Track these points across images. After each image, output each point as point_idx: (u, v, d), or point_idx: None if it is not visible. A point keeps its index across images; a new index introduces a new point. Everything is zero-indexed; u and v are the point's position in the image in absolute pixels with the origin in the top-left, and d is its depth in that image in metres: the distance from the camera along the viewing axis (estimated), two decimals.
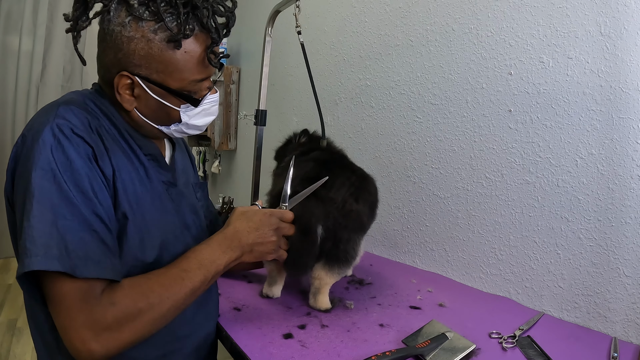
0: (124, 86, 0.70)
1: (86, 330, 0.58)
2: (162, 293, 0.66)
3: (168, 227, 0.78)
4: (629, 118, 0.89)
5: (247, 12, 2.61)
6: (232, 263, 0.76)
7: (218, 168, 2.94)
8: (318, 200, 0.89)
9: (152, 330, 0.65)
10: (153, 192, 0.76)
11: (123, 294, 0.63)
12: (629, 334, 0.89)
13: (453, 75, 1.24)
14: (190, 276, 0.69)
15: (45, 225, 0.59)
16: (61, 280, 0.59)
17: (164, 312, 0.66)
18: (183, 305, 0.69)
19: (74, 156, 0.63)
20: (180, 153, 0.93)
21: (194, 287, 0.69)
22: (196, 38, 0.69)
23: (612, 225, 0.92)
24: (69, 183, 0.61)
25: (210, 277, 0.72)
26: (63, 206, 0.60)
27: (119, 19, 0.66)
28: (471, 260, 1.20)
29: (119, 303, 0.62)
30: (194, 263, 0.71)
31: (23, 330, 2.31)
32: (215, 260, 0.73)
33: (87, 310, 0.59)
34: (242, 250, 0.77)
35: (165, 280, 0.67)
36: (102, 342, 0.59)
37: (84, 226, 0.61)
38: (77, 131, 0.64)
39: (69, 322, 0.59)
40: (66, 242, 0.59)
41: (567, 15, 0.98)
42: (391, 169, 1.45)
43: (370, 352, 0.75)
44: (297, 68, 1.99)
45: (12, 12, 3.20)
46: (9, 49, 3.22)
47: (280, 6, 1.38)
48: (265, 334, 0.83)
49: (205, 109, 0.78)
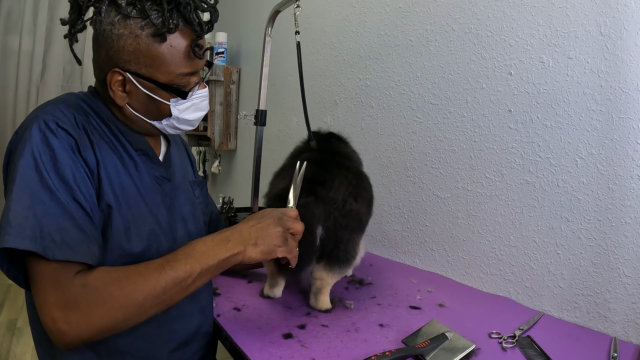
0: (116, 82, 0.74)
1: (56, 310, 0.60)
2: (137, 280, 0.64)
3: (157, 219, 0.79)
4: (629, 118, 0.89)
5: (247, 12, 2.61)
6: (232, 258, 0.71)
7: (218, 168, 2.94)
8: (318, 200, 0.89)
9: (126, 318, 0.63)
10: (143, 184, 0.78)
11: (96, 277, 0.63)
12: (629, 334, 0.89)
13: (453, 75, 1.24)
14: (174, 265, 0.66)
15: (22, 209, 0.62)
16: (36, 261, 0.62)
17: (140, 301, 0.63)
18: (164, 296, 0.65)
19: (57, 147, 0.66)
20: (177, 151, 0.95)
21: (177, 277, 0.66)
22: (181, 32, 0.73)
23: (612, 225, 0.92)
24: (49, 171, 0.65)
25: (199, 269, 0.68)
26: (42, 192, 0.63)
27: (109, 19, 0.71)
28: (471, 260, 1.20)
29: (90, 285, 0.62)
30: (181, 255, 0.69)
31: (23, 330, 2.31)
32: (207, 252, 0.70)
33: (59, 291, 0.61)
34: (244, 244, 0.72)
35: (144, 270, 0.66)
36: (72, 324, 0.60)
37: (62, 212, 0.63)
38: (62, 124, 0.68)
39: (42, 302, 0.61)
40: (42, 226, 0.61)
41: (567, 15, 0.98)
42: (391, 169, 1.45)
43: (370, 352, 0.75)
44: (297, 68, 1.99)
45: (12, 12, 3.19)
46: (9, 49, 3.22)
47: (280, 6, 1.38)
48: (265, 334, 0.83)
49: (195, 104, 0.81)
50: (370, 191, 1.04)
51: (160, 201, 0.81)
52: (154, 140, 0.87)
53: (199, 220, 0.91)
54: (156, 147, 0.87)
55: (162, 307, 0.67)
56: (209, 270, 0.69)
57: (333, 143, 1.12)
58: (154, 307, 0.65)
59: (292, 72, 2.04)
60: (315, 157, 1.03)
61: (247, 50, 2.65)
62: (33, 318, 0.76)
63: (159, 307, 0.66)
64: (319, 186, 0.91)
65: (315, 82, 1.82)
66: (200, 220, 0.92)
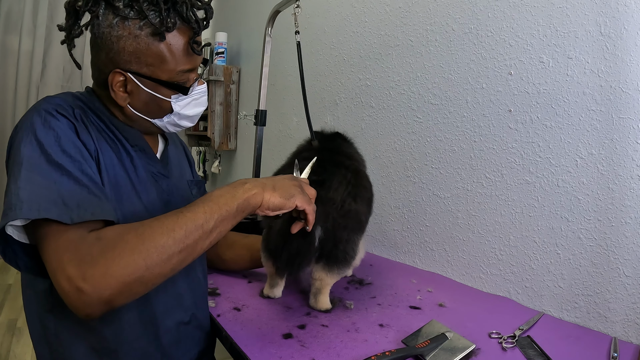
0: (118, 83, 0.76)
1: (71, 267, 0.56)
2: (154, 224, 0.61)
3: (151, 213, 0.78)
4: (629, 118, 0.89)
5: (247, 12, 2.61)
6: (252, 199, 0.67)
7: (218, 168, 2.94)
8: (317, 201, 0.88)
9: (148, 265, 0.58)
10: (138, 179, 0.79)
11: (111, 229, 0.61)
12: (629, 334, 0.89)
13: (453, 75, 1.24)
14: (192, 209, 0.63)
15: (34, 186, 0.61)
16: (48, 228, 0.60)
17: (160, 244, 0.59)
18: (187, 240, 0.61)
19: (59, 127, 0.68)
20: (175, 150, 0.96)
21: (196, 219, 0.62)
22: (178, 31, 0.75)
23: (612, 225, 0.92)
24: (55, 150, 0.66)
25: (219, 212, 0.64)
26: (52, 170, 0.64)
27: (107, 22, 0.72)
28: (471, 260, 1.20)
29: (105, 237, 0.59)
30: (199, 201, 0.65)
31: (23, 330, 2.31)
32: (225, 194, 0.66)
33: (73, 249, 0.58)
34: (262, 187, 0.69)
35: (161, 217, 0.62)
36: (89, 280, 0.55)
37: (74, 183, 0.64)
38: (61, 110, 0.70)
39: (57, 264, 0.57)
40: (55, 196, 0.61)
41: (567, 15, 0.98)
42: (391, 169, 1.45)
43: (370, 352, 0.75)
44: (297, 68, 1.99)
45: (12, 12, 3.19)
46: (9, 49, 3.22)
47: (280, 6, 1.38)
48: (265, 334, 0.83)
49: (195, 99, 0.83)
50: (370, 190, 1.04)
51: (156, 197, 0.82)
52: (151, 138, 0.88)
53: None
54: (154, 145, 0.89)
55: (187, 255, 0.62)
56: (229, 213, 0.65)
57: (337, 143, 1.12)
58: (177, 254, 0.60)
59: (292, 72, 2.04)
60: (313, 156, 1.03)
61: (247, 50, 2.65)
62: (30, 316, 0.76)
63: (182, 254, 0.61)
64: (317, 187, 0.91)
65: (315, 82, 1.82)
66: None
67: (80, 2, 0.72)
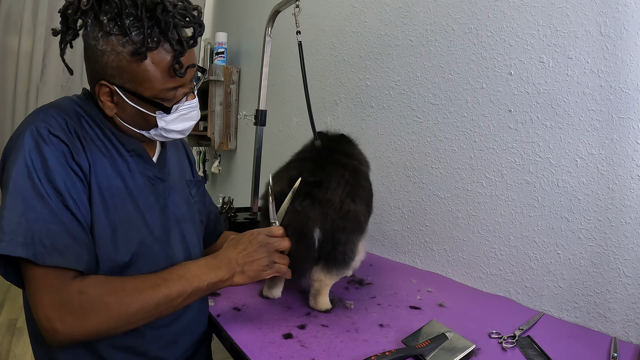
0: (104, 94, 0.76)
1: (52, 310, 0.63)
2: (133, 293, 0.68)
3: (149, 222, 0.79)
4: (629, 118, 0.89)
5: (247, 12, 2.62)
6: (220, 284, 0.77)
7: (218, 168, 2.94)
8: (315, 202, 0.88)
9: (117, 327, 0.67)
10: (135, 185, 0.79)
11: (94, 285, 0.67)
12: (629, 334, 0.89)
13: (453, 75, 1.24)
14: (168, 284, 0.71)
15: (15, 216, 0.64)
16: (30, 265, 0.64)
17: (132, 313, 0.67)
18: (155, 311, 0.70)
19: (48, 154, 0.68)
20: (175, 151, 0.95)
21: (170, 295, 0.70)
22: (163, 49, 0.73)
23: (612, 225, 0.92)
24: (41, 179, 0.66)
25: (190, 290, 0.73)
26: (34, 199, 0.65)
27: (94, 34, 0.72)
28: (471, 260, 1.20)
29: (87, 293, 0.65)
30: (175, 274, 0.73)
31: (23, 330, 2.31)
32: (199, 275, 0.75)
33: (54, 294, 0.64)
34: (231, 271, 0.78)
35: (140, 283, 0.70)
36: (66, 325, 0.63)
37: (53, 218, 0.66)
38: (54, 131, 0.70)
39: (38, 302, 0.64)
40: (33, 232, 0.64)
41: (567, 15, 0.98)
42: (391, 169, 1.45)
43: (370, 352, 0.75)
44: (297, 68, 1.99)
45: (12, 12, 3.19)
46: (9, 49, 3.22)
47: (280, 6, 1.38)
48: (265, 334, 0.83)
49: (183, 114, 0.81)
50: (369, 189, 1.03)
51: (153, 201, 0.82)
52: (149, 142, 0.87)
53: (194, 220, 0.91)
54: (151, 149, 0.87)
55: (151, 320, 0.71)
56: (199, 291, 0.75)
57: (342, 144, 1.12)
58: (144, 319, 0.70)
59: (292, 72, 2.04)
60: (312, 156, 1.03)
61: (247, 50, 2.65)
62: (29, 317, 0.76)
63: (148, 319, 0.70)
64: (315, 188, 0.90)
65: (315, 82, 1.82)
66: (196, 219, 0.92)
67: (69, 11, 0.72)
